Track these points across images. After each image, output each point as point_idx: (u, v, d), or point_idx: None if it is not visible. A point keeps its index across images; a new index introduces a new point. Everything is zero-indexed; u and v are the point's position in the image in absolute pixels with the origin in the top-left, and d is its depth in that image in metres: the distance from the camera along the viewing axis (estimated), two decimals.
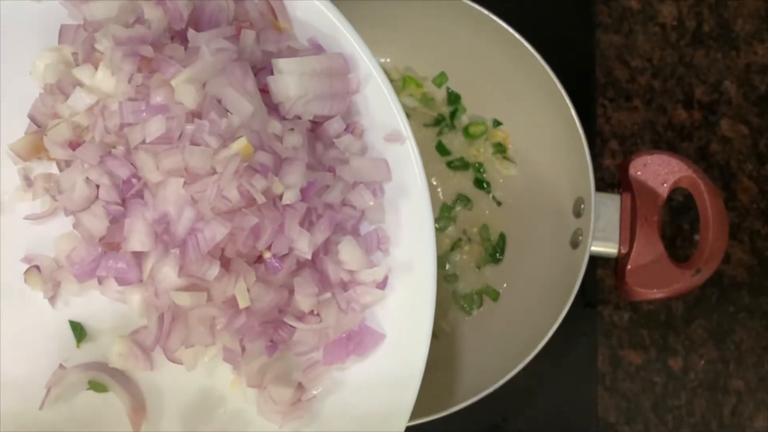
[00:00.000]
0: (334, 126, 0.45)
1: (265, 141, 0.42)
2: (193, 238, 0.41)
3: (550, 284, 0.71)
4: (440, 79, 0.79)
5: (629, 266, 0.67)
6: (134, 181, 0.43)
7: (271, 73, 0.44)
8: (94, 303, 0.48)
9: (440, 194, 0.77)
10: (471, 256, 0.76)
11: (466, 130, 0.78)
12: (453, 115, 0.79)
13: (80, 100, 0.44)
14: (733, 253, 0.81)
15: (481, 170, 0.78)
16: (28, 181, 0.48)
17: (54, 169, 0.47)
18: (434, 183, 0.77)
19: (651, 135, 0.84)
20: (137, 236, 0.42)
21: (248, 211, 0.42)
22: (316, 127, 0.46)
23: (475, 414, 0.64)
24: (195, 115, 0.42)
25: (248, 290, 0.43)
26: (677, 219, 0.82)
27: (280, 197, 0.43)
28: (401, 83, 0.79)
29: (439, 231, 0.76)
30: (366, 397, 0.46)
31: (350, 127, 0.46)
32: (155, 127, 0.41)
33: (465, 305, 0.75)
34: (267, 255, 0.43)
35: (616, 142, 0.84)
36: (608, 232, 0.67)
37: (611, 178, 0.82)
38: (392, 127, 0.46)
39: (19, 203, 0.48)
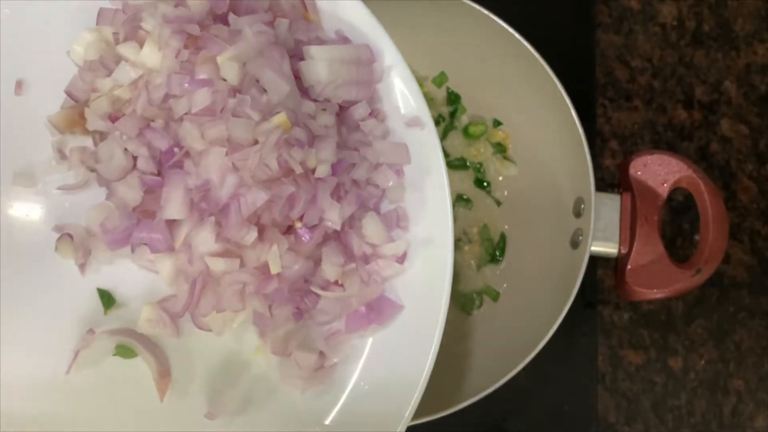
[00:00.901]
0: (360, 110, 0.48)
1: (300, 118, 0.45)
2: (235, 202, 0.44)
3: (550, 284, 0.71)
4: (440, 79, 0.79)
5: (629, 266, 0.67)
6: (176, 150, 0.45)
7: (302, 60, 0.47)
8: (124, 272, 0.49)
9: None
10: (471, 256, 0.76)
11: (466, 130, 0.78)
12: (453, 115, 0.79)
13: (125, 73, 0.47)
14: (733, 253, 0.81)
15: (481, 170, 0.78)
16: (61, 154, 0.49)
17: (87, 143, 0.49)
18: None
19: (651, 135, 0.84)
20: (174, 204, 0.44)
21: (286, 181, 0.44)
22: (341, 112, 0.49)
23: (476, 414, 0.64)
24: (236, 91, 0.45)
25: (279, 257, 0.45)
26: (677, 219, 0.82)
27: (313, 171, 0.45)
28: None
29: None
30: (384, 364, 0.48)
31: (374, 113, 0.49)
32: (201, 98, 0.44)
33: (465, 305, 0.75)
34: (299, 225, 0.46)
35: (616, 142, 0.84)
36: (608, 232, 0.67)
37: (611, 178, 0.82)
38: (413, 114, 0.49)
39: (51, 175, 0.50)
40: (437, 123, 0.78)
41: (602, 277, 0.80)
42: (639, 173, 0.69)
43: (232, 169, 0.44)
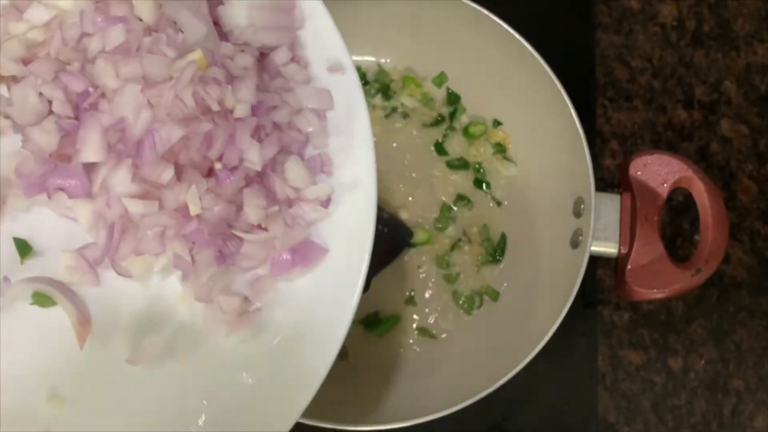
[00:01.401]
0: (281, 55, 0.49)
1: (218, 59, 0.45)
2: (149, 138, 0.43)
3: (550, 284, 0.71)
4: (440, 79, 0.79)
5: (629, 266, 0.67)
6: (90, 90, 0.45)
7: (221, 5, 0.48)
8: (42, 220, 0.48)
9: (440, 194, 0.77)
10: (471, 256, 0.76)
11: (465, 131, 0.78)
12: (453, 115, 0.79)
13: (39, 14, 0.46)
14: (733, 253, 0.81)
15: (481, 170, 0.78)
16: None
17: (1, 90, 0.48)
18: (434, 183, 0.78)
19: (651, 135, 0.84)
20: (90, 147, 0.44)
21: (203, 119, 0.44)
22: (262, 58, 0.49)
23: (475, 414, 0.64)
24: (152, 30, 0.45)
25: (200, 199, 0.45)
26: (677, 219, 0.82)
27: (232, 112, 0.45)
28: (401, 83, 0.79)
29: (439, 231, 0.77)
30: (309, 308, 0.48)
31: (295, 59, 0.49)
32: (115, 35, 0.44)
33: (465, 305, 0.75)
34: (218, 166, 0.45)
35: (616, 142, 0.84)
36: (608, 232, 0.67)
37: (611, 178, 0.82)
38: (335, 59, 0.49)
39: None
40: (437, 123, 0.79)
41: (602, 277, 0.80)
42: (639, 173, 0.69)
43: (146, 105, 0.44)
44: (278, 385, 0.47)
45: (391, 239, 0.73)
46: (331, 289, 0.48)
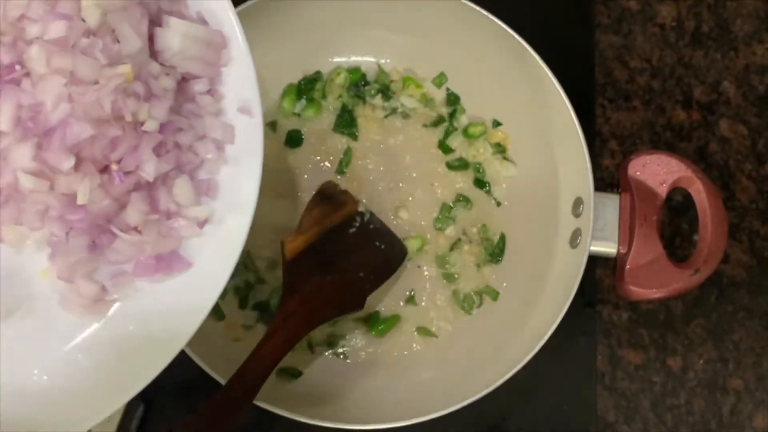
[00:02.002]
0: (199, 85, 0.53)
1: (144, 75, 0.49)
2: (62, 128, 0.47)
3: (550, 284, 0.71)
4: (440, 80, 0.79)
5: (628, 266, 0.67)
6: (17, 68, 0.47)
7: (160, 26, 0.51)
8: None
9: (440, 194, 0.77)
10: (471, 256, 0.76)
11: (465, 131, 0.79)
12: (452, 115, 0.79)
13: None
14: (732, 253, 0.82)
15: (481, 170, 0.78)
16: None
17: None
18: (434, 183, 0.78)
19: (650, 135, 0.84)
20: (1, 116, 0.47)
21: (115, 125, 0.48)
22: (183, 82, 0.53)
23: (475, 413, 0.64)
24: (91, 33, 0.48)
25: (89, 191, 0.48)
26: (676, 219, 0.82)
27: (142, 124, 0.49)
28: (401, 83, 0.79)
29: (439, 231, 0.77)
30: (160, 310, 0.52)
31: (212, 92, 0.54)
32: (57, 28, 0.47)
33: (465, 305, 0.75)
34: (114, 167, 0.49)
35: (615, 142, 0.84)
36: (607, 232, 0.67)
37: (610, 178, 0.82)
38: (247, 102, 0.53)
39: None
40: (437, 123, 0.79)
41: (601, 277, 0.80)
42: (638, 173, 0.69)
43: (67, 99, 0.47)
44: (109, 377, 0.51)
45: (388, 255, 0.73)
46: (184, 300, 0.52)
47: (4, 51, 0.47)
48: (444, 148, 0.78)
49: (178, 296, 0.52)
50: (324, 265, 0.68)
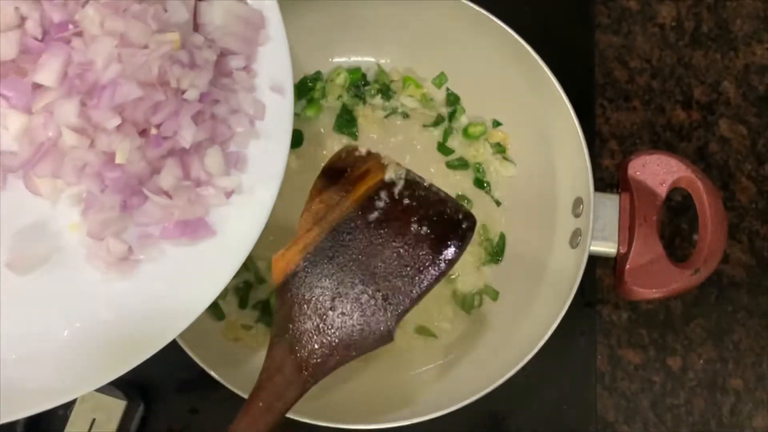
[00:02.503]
0: (237, 61, 0.54)
1: (188, 45, 0.51)
2: (112, 88, 0.48)
3: (550, 284, 0.71)
4: (440, 80, 0.79)
5: (628, 266, 0.67)
6: (70, 27, 0.49)
7: (204, 0, 0.53)
8: None
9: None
10: (471, 256, 0.76)
11: (465, 131, 0.79)
12: (452, 115, 0.79)
13: None
14: (732, 253, 0.82)
15: (481, 170, 0.78)
16: None
17: None
18: (434, 183, 0.77)
19: (650, 135, 0.84)
20: (49, 71, 0.48)
21: (160, 89, 0.50)
22: (220, 57, 0.54)
23: (475, 413, 0.64)
24: (143, 0, 0.50)
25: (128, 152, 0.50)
26: (676, 219, 0.82)
27: (183, 93, 0.51)
28: (401, 83, 0.79)
29: None
30: (182, 275, 0.53)
31: (247, 69, 0.55)
32: None
33: (465, 305, 0.75)
34: (154, 131, 0.51)
35: (615, 143, 0.84)
36: (607, 232, 0.67)
37: (610, 178, 0.82)
38: (279, 81, 0.55)
39: None
40: (437, 123, 0.79)
41: (601, 277, 0.80)
42: (638, 173, 0.69)
43: (117, 60, 0.48)
44: (128, 335, 0.52)
45: (438, 237, 0.50)
46: (205, 267, 0.53)
47: (56, 10, 0.49)
48: (444, 148, 0.78)
49: (200, 263, 0.53)
50: (330, 284, 0.51)
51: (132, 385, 0.73)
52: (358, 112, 0.78)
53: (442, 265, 0.50)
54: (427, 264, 0.50)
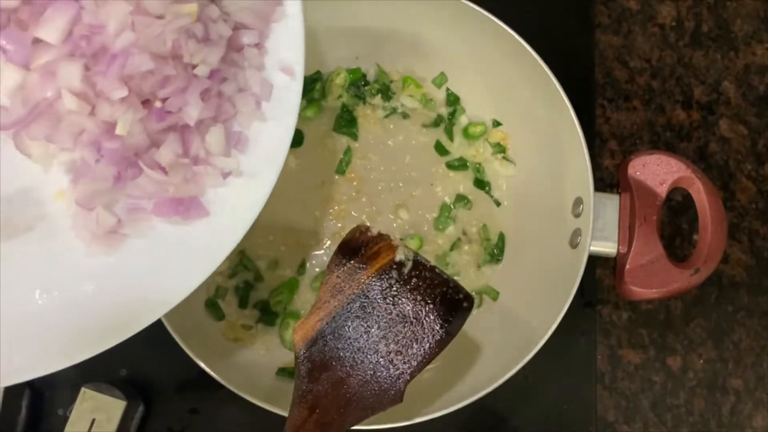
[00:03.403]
0: (249, 37, 0.52)
1: (204, 19, 0.49)
2: (123, 57, 0.46)
3: (550, 284, 0.71)
4: (440, 80, 0.79)
5: (628, 266, 0.67)
6: None
7: None
8: None
9: (440, 194, 0.77)
10: (471, 256, 0.76)
11: (465, 131, 0.79)
12: (452, 115, 0.79)
13: None
14: (732, 253, 0.82)
15: (481, 170, 0.78)
16: None
17: None
18: (434, 183, 0.78)
19: (650, 135, 0.84)
20: (52, 27, 0.45)
21: (171, 63, 0.47)
22: (233, 32, 0.52)
23: (475, 413, 0.64)
24: None
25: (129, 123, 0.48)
26: (676, 219, 0.82)
27: (194, 68, 0.49)
28: (401, 83, 0.79)
29: (439, 231, 0.77)
30: (171, 255, 0.51)
31: (258, 46, 0.53)
32: None
33: None
34: (158, 104, 0.48)
35: (615, 143, 0.84)
36: (607, 232, 0.67)
37: (610, 178, 0.82)
38: (290, 63, 0.53)
39: None
40: (437, 123, 0.79)
41: (601, 277, 0.80)
42: (638, 173, 0.69)
43: (131, 27, 0.46)
44: (110, 311, 0.50)
45: (437, 316, 0.55)
46: (196, 249, 0.51)
47: None
48: (444, 148, 0.78)
49: (190, 244, 0.51)
50: (347, 351, 0.54)
51: (132, 385, 0.73)
52: (358, 112, 0.78)
53: (446, 336, 0.56)
54: (432, 335, 0.55)
